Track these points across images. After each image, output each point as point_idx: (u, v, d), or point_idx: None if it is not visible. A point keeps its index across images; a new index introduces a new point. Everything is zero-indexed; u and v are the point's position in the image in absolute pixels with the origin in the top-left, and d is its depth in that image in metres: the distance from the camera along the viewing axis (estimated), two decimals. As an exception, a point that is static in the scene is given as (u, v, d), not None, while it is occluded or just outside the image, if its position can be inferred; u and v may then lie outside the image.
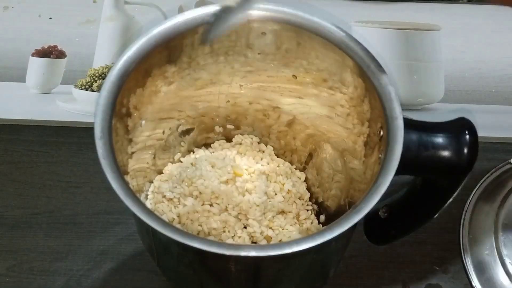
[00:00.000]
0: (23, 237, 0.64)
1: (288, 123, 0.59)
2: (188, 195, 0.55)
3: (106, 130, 0.46)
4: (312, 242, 0.42)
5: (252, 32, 0.52)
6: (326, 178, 0.57)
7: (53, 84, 0.75)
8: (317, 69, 0.53)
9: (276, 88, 0.56)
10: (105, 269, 0.63)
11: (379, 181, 0.44)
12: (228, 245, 0.44)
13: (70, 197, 0.67)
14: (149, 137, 0.55)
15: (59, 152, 0.70)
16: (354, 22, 0.80)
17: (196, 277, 0.50)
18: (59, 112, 0.73)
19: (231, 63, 0.55)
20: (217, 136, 0.60)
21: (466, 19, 0.82)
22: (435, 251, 0.65)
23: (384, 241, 0.60)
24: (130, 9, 0.81)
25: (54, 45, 0.77)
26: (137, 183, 0.54)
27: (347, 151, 0.54)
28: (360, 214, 0.43)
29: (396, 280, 0.63)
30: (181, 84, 0.54)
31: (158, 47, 0.50)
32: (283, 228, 0.55)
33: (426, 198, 0.52)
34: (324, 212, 0.58)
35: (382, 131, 0.47)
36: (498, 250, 0.63)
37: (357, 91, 0.51)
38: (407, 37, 0.79)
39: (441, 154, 0.47)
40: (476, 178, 0.67)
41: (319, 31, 0.50)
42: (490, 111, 0.74)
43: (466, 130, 0.47)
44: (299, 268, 0.48)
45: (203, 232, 0.54)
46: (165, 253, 0.50)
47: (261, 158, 0.60)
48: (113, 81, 0.48)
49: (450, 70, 0.77)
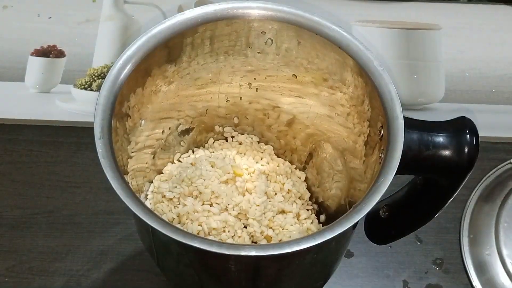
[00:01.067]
0: (23, 237, 0.64)
1: (288, 123, 0.59)
2: (188, 195, 0.55)
3: (106, 130, 0.46)
4: (312, 242, 0.42)
5: (252, 32, 0.52)
6: (326, 178, 0.57)
7: (52, 84, 0.75)
8: (317, 69, 0.53)
9: (276, 88, 0.56)
10: (105, 269, 0.63)
11: (380, 181, 0.44)
12: (228, 244, 0.44)
13: (70, 197, 0.67)
14: (149, 137, 0.55)
15: (59, 152, 0.69)
16: (355, 22, 0.80)
17: (196, 277, 0.50)
18: (58, 112, 0.73)
19: (231, 62, 0.55)
20: (217, 136, 0.60)
21: (466, 19, 0.82)
22: (435, 251, 0.65)
23: (385, 240, 0.60)
24: (129, 9, 0.81)
25: (53, 44, 0.77)
26: (137, 183, 0.54)
27: (347, 150, 0.54)
28: (360, 214, 0.43)
29: (396, 280, 0.63)
30: (181, 84, 0.54)
31: (157, 47, 0.50)
32: (283, 228, 0.55)
33: (427, 197, 0.52)
34: (324, 211, 0.58)
35: (383, 130, 0.47)
36: (498, 250, 0.63)
37: (358, 90, 0.51)
38: (407, 37, 0.79)
39: (441, 154, 0.47)
40: (476, 178, 0.68)
41: (320, 30, 0.50)
42: (491, 110, 0.74)
43: (467, 130, 0.47)
44: (299, 267, 0.48)
45: (203, 232, 0.54)
46: (165, 253, 0.50)
47: (261, 158, 0.59)
48: (113, 80, 0.48)
49: (450, 69, 0.77)
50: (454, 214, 0.66)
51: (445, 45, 0.79)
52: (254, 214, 0.55)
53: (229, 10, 0.51)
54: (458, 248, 0.64)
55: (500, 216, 0.64)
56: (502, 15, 0.82)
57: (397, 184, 0.50)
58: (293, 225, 0.56)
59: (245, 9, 0.51)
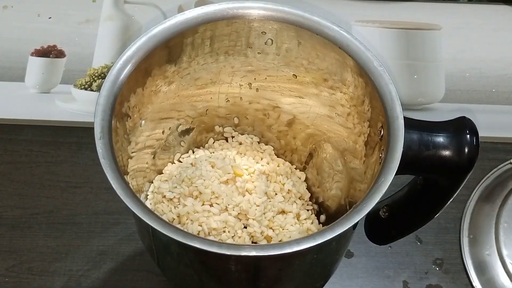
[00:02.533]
0: (23, 237, 0.64)
1: (288, 123, 0.59)
2: (188, 195, 0.55)
3: (106, 130, 0.46)
4: (312, 242, 0.42)
5: (252, 32, 0.52)
6: (327, 178, 0.57)
7: (52, 84, 0.75)
8: (317, 69, 0.53)
9: (276, 88, 0.56)
10: (105, 269, 0.63)
11: (380, 181, 0.44)
12: (228, 245, 0.44)
13: (70, 197, 0.67)
14: (149, 137, 0.55)
15: (59, 152, 0.69)
16: (355, 22, 0.80)
17: (196, 277, 0.50)
18: (58, 112, 0.73)
19: (231, 62, 0.55)
20: (217, 136, 0.60)
21: (466, 19, 0.82)
22: (435, 251, 0.65)
23: (385, 241, 0.60)
24: (129, 9, 0.81)
25: (53, 44, 0.77)
26: (137, 183, 0.54)
27: (347, 150, 0.54)
28: (360, 214, 0.43)
29: (396, 280, 0.63)
30: (181, 84, 0.54)
31: (158, 47, 0.50)
32: (284, 228, 0.55)
33: (427, 197, 0.52)
34: (324, 212, 0.58)
35: (383, 130, 0.47)
36: (498, 251, 0.63)
37: (358, 90, 0.51)
38: (407, 37, 0.79)
39: (441, 154, 0.47)
40: (476, 178, 0.68)
41: (320, 30, 0.50)
42: (491, 110, 0.74)
43: (467, 130, 0.47)
44: (299, 268, 0.48)
45: (203, 232, 0.54)
46: (165, 253, 0.50)
47: (261, 158, 0.59)
48: (113, 80, 0.48)
49: (450, 69, 0.77)
50: (454, 214, 0.66)
51: (445, 45, 0.79)
52: (254, 214, 0.55)
53: (229, 10, 0.51)
54: (458, 248, 0.64)
55: (500, 216, 0.64)
56: (502, 15, 0.82)
57: (397, 184, 0.50)
58: (293, 225, 0.56)
59: (245, 9, 0.51)
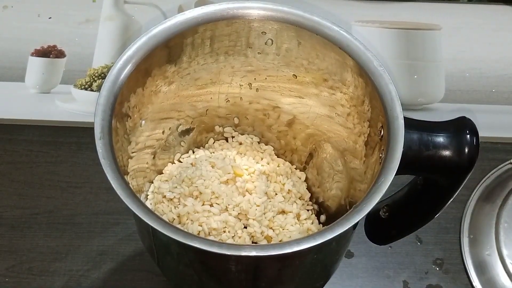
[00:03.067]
0: (23, 237, 0.64)
1: (288, 123, 0.59)
2: (188, 195, 0.55)
3: (106, 130, 0.46)
4: (312, 242, 0.42)
5: (252, 32, 0.52)
6: (327, 178, 0.57)
7: (52, 84, 0.75)
8: (317, 69, 0.53)
9: (276, 88, 0.56)
10: (105, 270, 0.63)
11: (380, 181, 0.44)
12: (228, 245, 0.44)
13: (70, 197, 0.67)
14: (149, 137, 0.55)
15: (59, 152, 0.69)
16: (355, 22, 0.80)
17: (196, 277, 0.50)
18: (58, 112, 0.73)
19: (231, 62, 0.55)
20: (217, 136, 0.60)
21: (466, 19, 0.82)
22: (435, 251, 0.65)
23: (385, 241, 0.60)
24: (129, 9, 0.81)
25: (53, 44, 0.77)
26: (137, 183, 0.54)
27: (347, 150, 0.54)
28: (360, 214, 0.43)
29: (396, 280, 0.63)
30: (181, 84, 0.54)
31: (158, 47, 0.50)
32: (284, 228, 0.55)
33: (427, 198, 0.52)
34: (324, 212, 0.58)
35: (383, 130, 0.47)
36: (498, 251, 0.63)
37: (358, 90, 0.51)
38: (407, 37, 0.79)
39: (442, 154, 0.47)
40: (476, 178, 0.68)
41: (320, 30, 0.50)
42: (491, 111, 0.74)
43: (467, 130, 0.47)
44: (299, 268, 0.48)
45: (203, 232, 0.54)
46: (165, 253, 0.50)
47: (261, 158, 0.59)
48: (113, 80, 0.48)
49: (450, 69, 0.77)
50: (454, 214, 0.66)
51: (445, 45, 0.79)
52: (254, 214, 0.55)
53: (229, 10, 0.51)
54: (458, 248, 0.64)
55: (500, 216, 0.64)
56: (502, 15, 0.82)
57: (397, 184, 0.50)
58: (293, 225, 0.56)
59: (245, 9, 0.51)
